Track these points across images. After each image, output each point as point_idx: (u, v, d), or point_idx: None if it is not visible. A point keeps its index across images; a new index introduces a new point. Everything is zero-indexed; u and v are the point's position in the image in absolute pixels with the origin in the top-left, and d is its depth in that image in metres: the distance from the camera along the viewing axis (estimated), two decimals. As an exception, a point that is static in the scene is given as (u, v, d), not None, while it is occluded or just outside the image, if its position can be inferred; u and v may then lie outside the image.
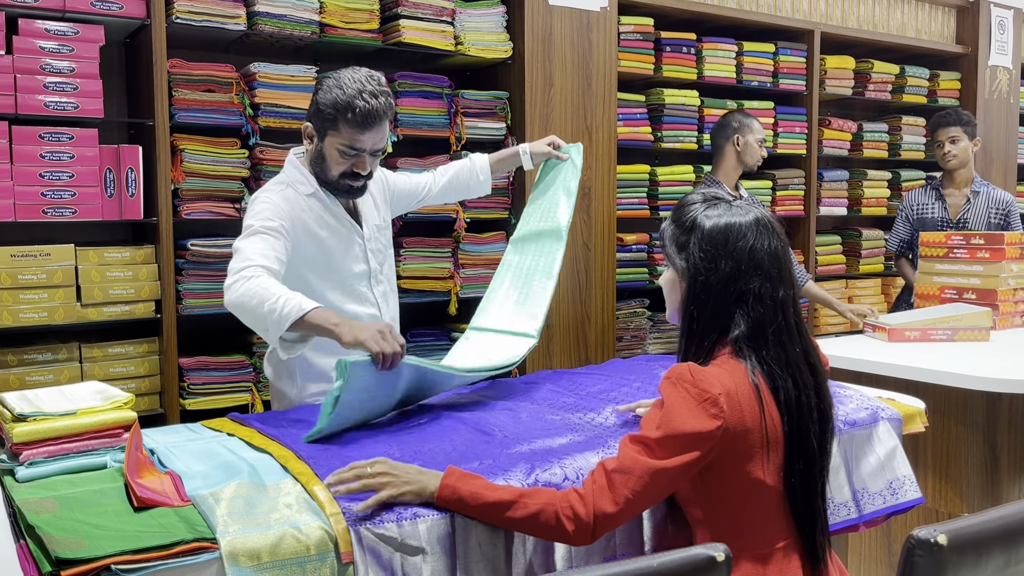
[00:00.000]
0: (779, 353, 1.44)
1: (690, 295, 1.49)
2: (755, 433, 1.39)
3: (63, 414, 1.59)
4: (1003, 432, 2.52)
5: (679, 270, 1.52)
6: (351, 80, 2.03)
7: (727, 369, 1.42)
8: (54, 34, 2.61)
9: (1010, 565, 1.17)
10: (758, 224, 1.48)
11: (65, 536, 1.24)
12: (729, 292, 1.45)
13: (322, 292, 2.13)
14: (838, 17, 4.66)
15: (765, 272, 1.45)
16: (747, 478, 1.40)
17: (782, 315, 1.45)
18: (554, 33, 3.44)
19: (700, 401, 1.36)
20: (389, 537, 1.36)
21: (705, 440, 1.36)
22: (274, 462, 1.60)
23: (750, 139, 3.50)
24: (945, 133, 3.78)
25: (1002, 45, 5.07)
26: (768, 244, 1.46)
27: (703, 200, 1.53)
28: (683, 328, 1.52)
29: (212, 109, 2.88)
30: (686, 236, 1.50)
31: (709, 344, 1.47)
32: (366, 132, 2.04)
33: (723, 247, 1.46)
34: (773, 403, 1.42)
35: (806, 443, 1.43)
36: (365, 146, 2.06)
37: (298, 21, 2.96)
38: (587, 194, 3.56)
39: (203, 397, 2.88)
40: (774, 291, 1.45)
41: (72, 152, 2.64)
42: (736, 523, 1.42)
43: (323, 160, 2.10)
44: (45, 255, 2.61)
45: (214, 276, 2.90)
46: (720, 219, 1.48)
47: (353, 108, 2.00)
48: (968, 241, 3.25)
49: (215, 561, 1.26)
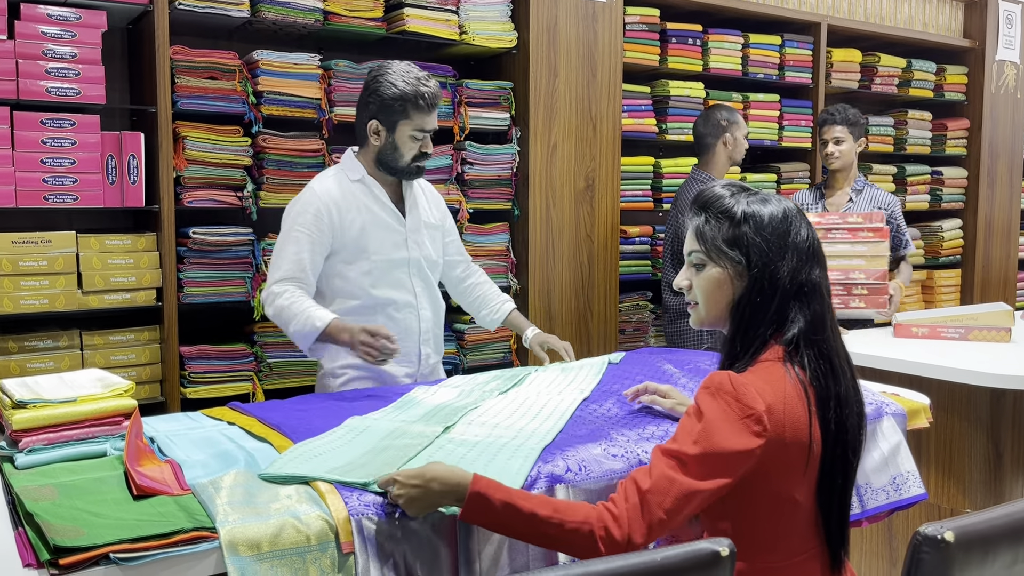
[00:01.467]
0: (838, 345, 1.37)
1: (754, 289, 1.37)
2: (795, 448, 1.31)
3: (63, 401, 1.58)
4: (1007, 429, 2.51)
5: (733, 266, 1.39)
6: (404, 73, 2.30)
7: (770, 378, 1.33)
8: (56, 19, 2.59)
9: (1017, 563, 1.16)
10: (801, 212, 1.41)
11: (64, 524, 1.23)
12: (795, 284, 1.36)
13: (355, 278, 2.34)
14: (845, 10, 4.63)
15: (821, 262, 1.39)
16: (778, 495, 1.33)
17: (831, 310, 1.39)
18: (559, 23, 3.42)
19: (742, 417, 1.28)
20: (391, 527, 1.35)
21: (745, 459, 1.29)
22: (274, 452, 1.60)
23: (738, 135, 3.49)
24: (830, 132, 3.52)
25: (1010, 39, 5.04)
26: (811, 233, 1.39)
27: (735, 191, 1.42)
28: (734, 328, 1.41)
29: (215, 96, 2.86)
30: (737, 229, 1.38)
31: (759, 345, 1.37)
32: (432, 113, 2.31)
33: (787, 236, 1.37)
34: (817, 409, 1.33)
35: (846, 450, 1.36)
36: (432, 126, 2.33)
37: (302, 8, 2.94)
38: (591, 186, 3.54)
39: (204, 386, 2.87)
40: (826, 282, 1.39)
41: (74, 138, 2.63)
42: (759, 537, 1.36)
43: (395, 149, 2.33)
44: (46, 242, 2.60)
45: (216, 264, 2.89)
46: (774, 207, 1.39)
47: (421, 95, 2.27)
48: (845, 220, 3.11)
49: (215, 551, 1.25)
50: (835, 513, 1.37)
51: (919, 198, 4.82)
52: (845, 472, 1.37)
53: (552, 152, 3.44)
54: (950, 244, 4.89)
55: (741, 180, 4.08)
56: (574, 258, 3.51)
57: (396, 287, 2.37)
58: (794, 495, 1.34)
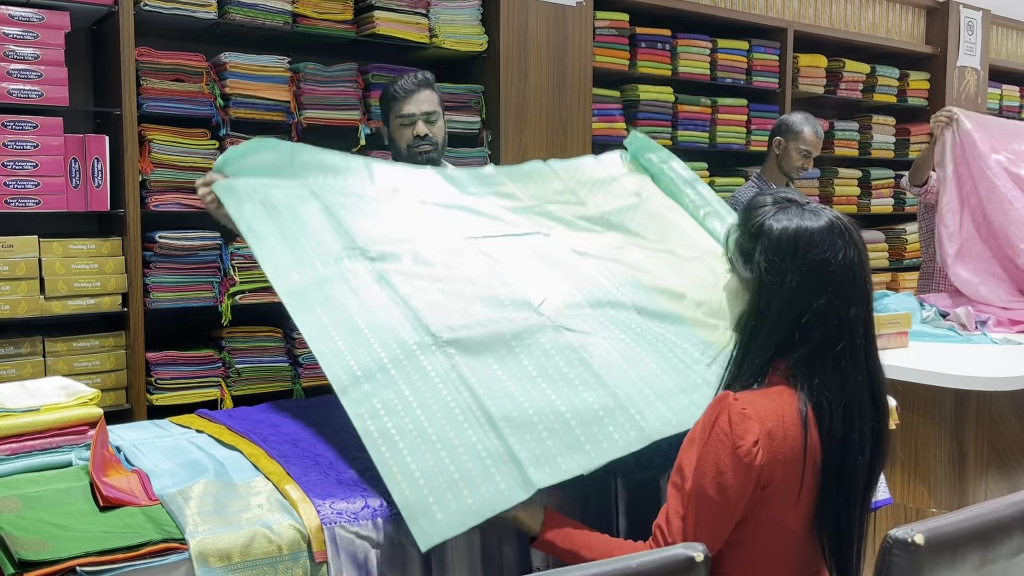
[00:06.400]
0: (837, 380, 1.30)
1: (752, 309, 1.35)
2: (791, 474, 1.29)
3: (26, 410, 1.55)
4: (971, 429, 2.56)
5: (743, 280, 1.37)
6: (392, 81, 2.55)
7: (776, 400, 1.30)
8: (18, 20, 2.54)
9: (985, 564, 1.18)
10: (832, 230, 1.32)
11: (28, 537, 1.21)
12: (792, 310, 1.30)
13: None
14: (811, 15, 4.69)
15: (837, 287, 1.30)
16: (770, 519, 1.31)
17: (848, 336, 1.31)
18: (530, 27, 3.42)
19: (733, 450, 1.26)
20: (365, 535, 1.34)
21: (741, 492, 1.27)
22: (244, 460, 1.58)
23: (790, 145, 3.37)
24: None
25: (971, 46, 5.13)
26: (843, 254, 1.30)
27: (774, 202, 1.37)
28: (739, 343, 1.38)
29: (181, 99, 2.82)
30: (752, 243, 1.35)
31: (762, 364, 1.34)
32: (408, 98, 2.47)
33: (791, 258, 1.30)
34: (818, 438, 1.30)
35: (845, 479, 1.31)
36: (414, 110, 2.46)
37: (270, 11, 2.92)
38: (561, 189, 3.54)
39: (171, 392, 2.83)
40: (842, 309, 1.30)
41: (36, 141, 2.58)
42: (751, 560, 1.34)
43: (393, 142, 2.52)
44: (8, 247, 2.55)
45: (183, 269, 2.84)
46: (790, 224, 1.32)
47: (395, 85, 2.50)
48: None
49: (184, 562, 1.24)
50: (829, 533, 1.33)
51: (883, 202, 4.90)
52: (837, 512, 1.32)
53: (523, 155, 3.44)
54: (913, 247, 4.98)
55: (709, 183, 4.12)
56: (545, 262, 3.51)
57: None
58: (786, 520, 1.32)
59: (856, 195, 4.78)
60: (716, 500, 1.26)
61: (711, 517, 1.27)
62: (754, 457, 1.25)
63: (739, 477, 1.26)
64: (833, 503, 1.31)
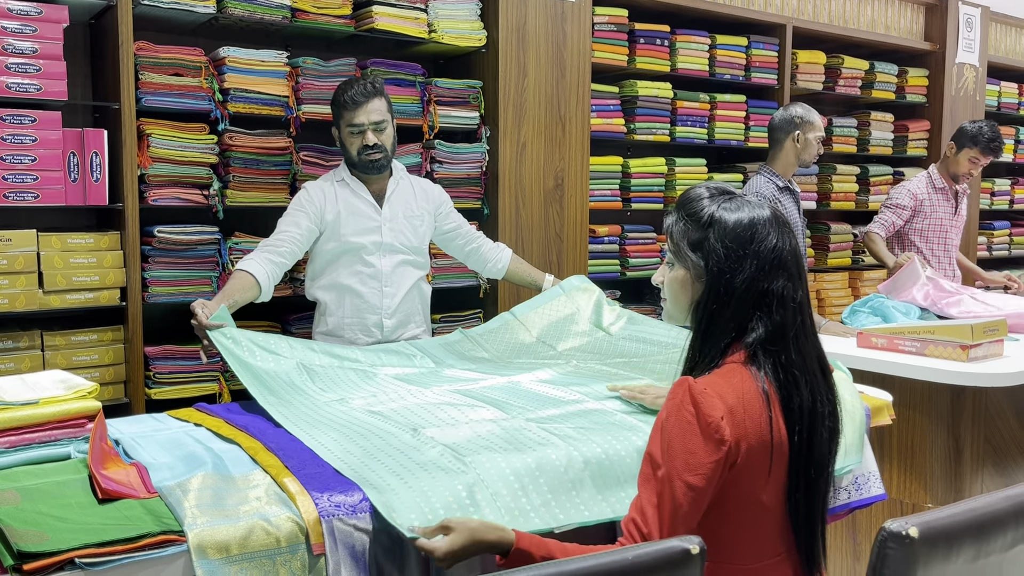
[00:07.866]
0: (797, 359, 1.37)
1: (710, 295, 1.39)
2: (758, 449, 1.32)
3: (25, 403, 1.55)
4: (967, 425, 2.57)
5: (694, 269, 1.41)
6: (344, 83, 2.63)
7: (733, 380, 1.34)
8: (17, 14, 2.54)
9: (979, 557, 1.19)
10: (777, 219, 1.40)
11: (27, 529, 1.21)
12: (752, 293, 1.36)
13: (331, 256, 2.65)
14: (810, 12, 4.69)
15: (789, 271, 1.38)
16: (744, 496, 1.34)
17: (801, 317, 1.38)
18: (528, 23, 3.42)
19: (703, 428, 1.29)
20: (363, 528, 1.35)
21: (713, 469, 1.29)
22: (243, 453, 1.58)
23: (810, 137, 3.43)
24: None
25: (969, 43, 5.14)
26: (789, 242, 1.39)
27: (714, 193, 1.43)
28: (696, 330, 1.42)
29: (180, 93, 2.82)
30: (702, 232, 1.40)
31: (722, 348, 1.39)
32: (357, 108, 2.56)
33: (748, 245, 1.37)
34: (782, 413, 1.34)
35: (814, 453, 1.36)
36: (363, 120, 2.56)
37: (269, 5, 2.92)
38: (560, 185, 3.55)
39: (169, 387, 2.83)
40: (795, 292, 1.38)
41: (34, 135, 2.58)
42: (724, 538, 1.36)
43: (344, 148, 2.63)
44: (6, 241, 2.55)
45: (181, 263, 2.85)
46: (742, 214, 1.39)
47: (345, 94, 2.57)
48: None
49: (183, 554, 1.24)
50: (803, 510, 1.38)
51: (881, 198, 4.89)
52: (808, 486, 1.37)
53: (521, 151, 3.44)
54: (911, 243, 4.98)
55: (707, 179, 4.12)
56: (543, 257, 3.52)
57: (366, 265, 2.66)
58: (760, 497, 1.35)
59: (854, 191, 4.78)
60: (689, 481, 1.28)
61: (687, 500, 1.28)
62: (723, 432, 1.29)
63: (710, 454, 1.28)
64: (805, 476, 1.37)
